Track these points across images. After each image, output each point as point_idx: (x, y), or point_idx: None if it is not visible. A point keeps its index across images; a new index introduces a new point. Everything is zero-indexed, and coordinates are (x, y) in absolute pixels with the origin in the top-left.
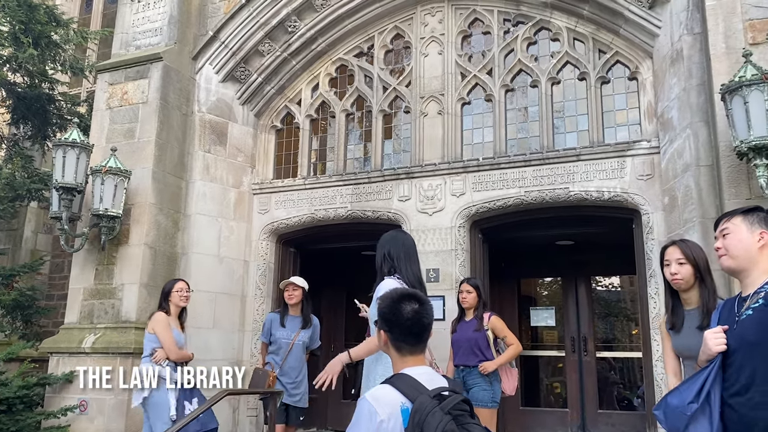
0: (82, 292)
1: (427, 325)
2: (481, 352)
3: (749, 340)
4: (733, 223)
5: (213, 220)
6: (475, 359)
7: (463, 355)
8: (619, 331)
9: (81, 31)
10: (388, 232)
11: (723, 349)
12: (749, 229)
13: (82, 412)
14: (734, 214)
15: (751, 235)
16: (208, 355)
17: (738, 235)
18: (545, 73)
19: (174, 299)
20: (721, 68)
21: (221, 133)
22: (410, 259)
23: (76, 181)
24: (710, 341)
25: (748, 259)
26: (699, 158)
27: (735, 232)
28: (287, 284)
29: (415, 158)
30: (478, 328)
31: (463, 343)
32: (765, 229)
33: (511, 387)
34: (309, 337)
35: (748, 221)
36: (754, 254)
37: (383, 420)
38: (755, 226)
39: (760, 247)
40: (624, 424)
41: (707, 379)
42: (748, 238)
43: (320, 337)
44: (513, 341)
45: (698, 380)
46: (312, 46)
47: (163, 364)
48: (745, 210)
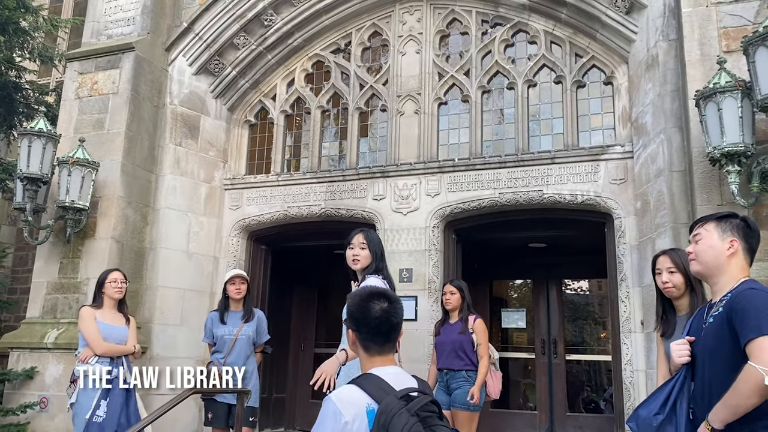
0: (46, 286)
1: (396, 324)
2: (466, 355)
3: (709, 347)
4: (705, 228)
5: (183, 215)
6: (459, 362)
7: (447, 358)
8: (587, 335)
9: (51, 19)
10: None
11: (686, 361)
12: (721, 236)
13: (43, 409)
14: (708, 220)
15: (722, 242)
16: (175, 353)
17: (709, 241)
18: (522, 76)
19: (107, 291)
20: (696, 74)
21: (193, 127)
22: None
23: (41, 171)
24: (674, 353)
25: (717, 266)
26: (672, 164)
27: (706, 238)
28: (234, 277)
29: (390, 157)
30: (463, 330)
31: (447, 346)
32: (736, 237)
33: (496, 390)
34: (254, 330)
35: (720, 228)
36: (723, 261)
37: (348, 421)
38: (727, 234)
39: (729, 255)
40: (592, 426)
41: (672, 390)
42: (718, 244)
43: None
44: (483, 353)
45: (664, 391)
46: (288, 41)
47: (91, 361)
48: (720, 216)
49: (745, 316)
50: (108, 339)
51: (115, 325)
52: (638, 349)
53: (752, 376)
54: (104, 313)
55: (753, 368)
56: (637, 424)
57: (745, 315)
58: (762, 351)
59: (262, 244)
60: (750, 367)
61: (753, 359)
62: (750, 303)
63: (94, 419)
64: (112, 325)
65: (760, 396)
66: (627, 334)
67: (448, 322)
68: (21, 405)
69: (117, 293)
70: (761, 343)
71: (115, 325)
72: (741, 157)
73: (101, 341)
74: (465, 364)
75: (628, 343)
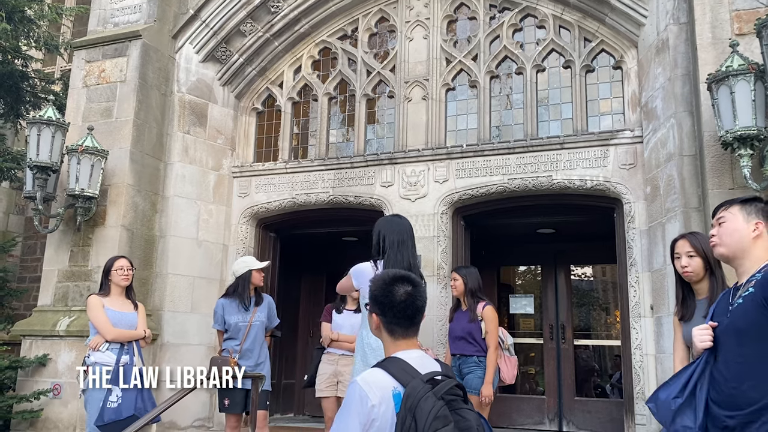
0: (57, 274)
1: (421, 308)
2: (476, 341)
3: (738, 328)
4: (730, 212)
5: (192, 203)
6: (471, 348)
7: (458, 344)
8: (595, 320)
9: (56, 8)
10: (386, 216)
11: (708, 346)
12: (746, 218)
13: (56, 396)
14: (733, 203)
15: (747, 225)
16: (186, 340)
17: (734, 224)
18: (530, 61)
19: (114, 278)
20: (708, 58)
21: (201, 115)
22: (404, 244)
23: (51, 160)
24: (696, 338)
25: (741, 249)
26: (682, 148)
27: (731, 221)
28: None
29: (398, 144)
30: (473, 318)
31: (458, 333)
32: (762, 219)
33: (510, 375)
34: (266, 316)
35: (745, 211)
36: (748, 244)
37: (375, 405)
38: (752, 216)
39: (754, 237)
40: (601, 411)
41: (693, 374)
42: (743, 227)
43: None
44: (491, 342)
45: (684, 375)
46: (295, 28)
47: (102, 348)
48: (744, 199)
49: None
50: (117, 325)
51: (124, 311)
52: (648, 333)
53: None
54: (112, 300)
55: None
56: (656, 405)
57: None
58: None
59: (270, 231)
60: None
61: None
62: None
63: (108, 405)
64: (120, 312)
65: None
66: (636, 318)
67: (461, 308)
68: (34, 392)
69: (124, 280)
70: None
71: (123, 312)
72: (754, 141)
73: (111, 327)
74: (476, 350)
75: (638, 328)
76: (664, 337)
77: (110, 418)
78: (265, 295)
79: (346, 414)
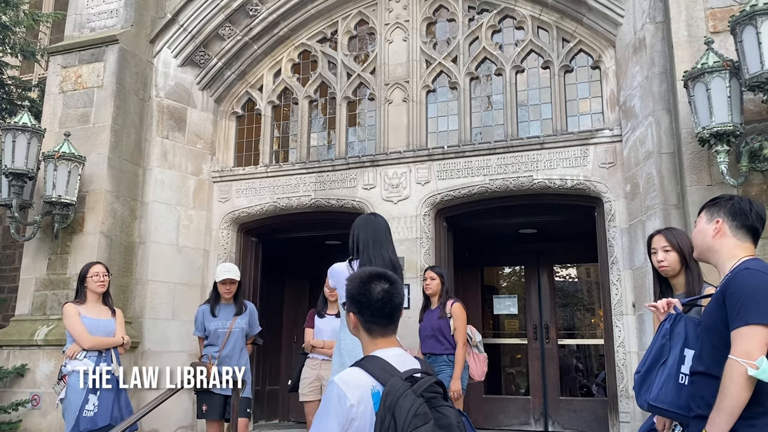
0: (34, 283)
1: (398, 305)
2: (446, 339)
3: (706, 326)
4: (701, 215)
5: (171, 209)
6: (440, 347)
7: (428, 343)
8: (580, 320)
9: (32, 14)
10: (361, 215)
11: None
12: (708, 219)
13: (35, 406)
14: (704, 207)
15: (709, 225)
16: (166, 347)
17: (699, 225)
18: (509, 62)
19: (90, 285)
20: (684, 56)
21: (180, 119)
22: (380, 243)
23: (27, 166)
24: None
25: (707, 248)
26: (661, 146)
27: (698, 223)
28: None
29: (379, 146)
30: (442, 315)
31: (428, 331)
32: (722, 217)
33: (479, 372)
34: (246, 323)
35: (710, 211)
36: (710, 242)
37: (353, 404)
38: (714, 215)
39: (714, 236)
40: (585, 410)
41: (651, 350)
42: (706, 228)
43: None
44: (459, 338)
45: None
46: (274, 31)
47: (79, 356)
48: (712, 200)
49: (735, 301)
50: (94, 333)
51: (101, 318)
52: (630, 331)
53: (736, 371)
54: (88, 307)
55: (735, 362)
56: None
57: (735, 300)
58: (742, 341)
59: (252, 236)
60: (732, 362)
61: (732, 351)
62: (741, 287)
63: (84, 414)
64: (97, 319)
65: (749, 389)
66: (619, 316)
67: (430, 308)
68: (12, 403)
69: (100, 287)
70: (742, 333)
71: (100, 319)
72: (730, 137)
73: (87, 335)
74: (445, 348)
75: (620, 326)
76: (647, 334)
77: (86, 427)
78: (247, 302)
79: (324, 414)
